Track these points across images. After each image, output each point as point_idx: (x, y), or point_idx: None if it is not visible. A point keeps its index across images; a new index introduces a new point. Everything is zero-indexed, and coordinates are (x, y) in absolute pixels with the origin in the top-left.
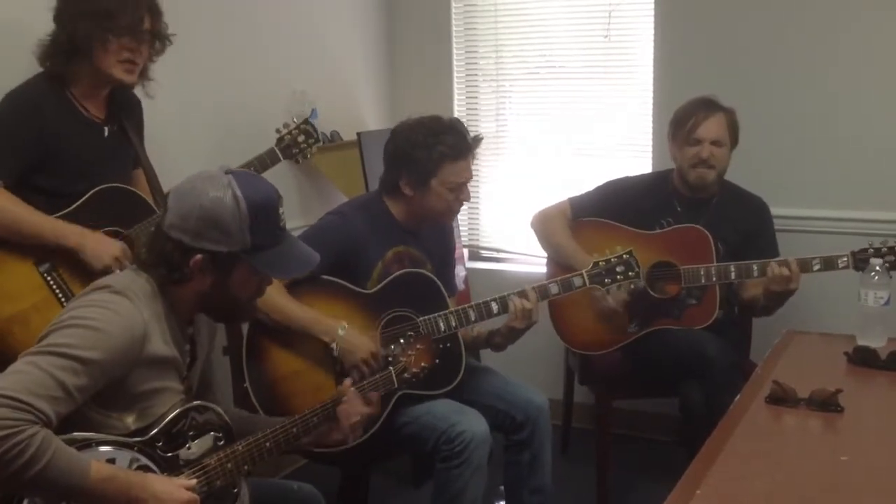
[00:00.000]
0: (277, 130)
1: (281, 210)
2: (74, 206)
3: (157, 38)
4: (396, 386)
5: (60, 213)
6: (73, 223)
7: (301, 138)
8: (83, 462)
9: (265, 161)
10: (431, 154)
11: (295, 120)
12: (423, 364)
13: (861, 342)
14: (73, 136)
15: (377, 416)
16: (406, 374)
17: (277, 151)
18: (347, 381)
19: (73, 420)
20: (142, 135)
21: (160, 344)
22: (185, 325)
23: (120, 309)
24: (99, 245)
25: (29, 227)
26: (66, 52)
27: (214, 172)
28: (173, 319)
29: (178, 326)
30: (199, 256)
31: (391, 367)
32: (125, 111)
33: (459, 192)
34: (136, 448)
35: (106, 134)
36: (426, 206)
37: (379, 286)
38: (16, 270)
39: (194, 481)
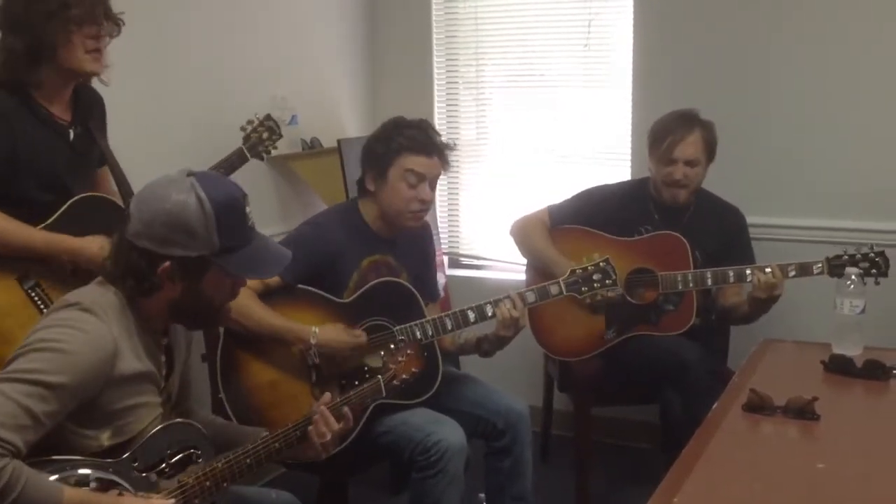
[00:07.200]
0: (243, 128)
1: (248, 209)
2: (54, 217)
3: (111, 20)
4: (385, 395)
5: (43, 225)
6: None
7: (265, 135)
8: (55, 490)
9: (233, 162)
10: (390, 145)
11: (258, 116)
12: (413, 369)
13: (837, 350)
14: (43, 144)
15: (353, 429)
16: (395, 382)
17: (245, 151)
18: (327, 396)
19: (47, 438)
20: (105, 131)
21: (132, 360)
22: (160, 336)
23: (87, 327)
24: (92, 246)
25: (21, 239)
26: (25, 60)
27: (176, 176)
28: (146, 332)
29: (151, 339)
30: (167, 264)
31: (380, 376)
32: (88, 110)
33: (417, 189)
34: (111, 469)
35: (72, 137)
36: (385, 200)
37: (355, 295)
38: None
39: (171, 501)
